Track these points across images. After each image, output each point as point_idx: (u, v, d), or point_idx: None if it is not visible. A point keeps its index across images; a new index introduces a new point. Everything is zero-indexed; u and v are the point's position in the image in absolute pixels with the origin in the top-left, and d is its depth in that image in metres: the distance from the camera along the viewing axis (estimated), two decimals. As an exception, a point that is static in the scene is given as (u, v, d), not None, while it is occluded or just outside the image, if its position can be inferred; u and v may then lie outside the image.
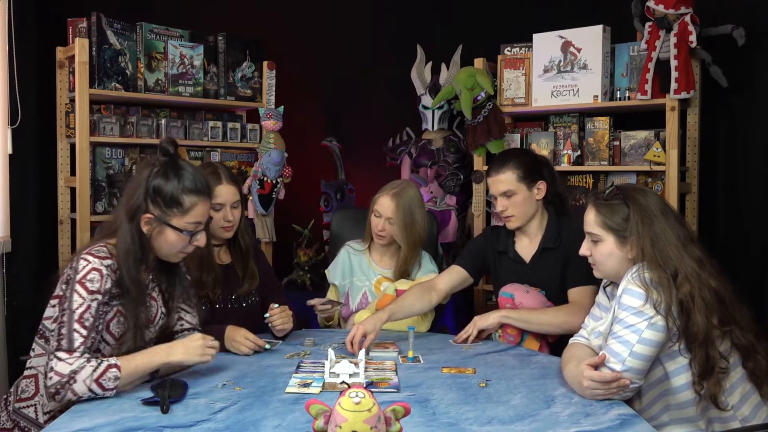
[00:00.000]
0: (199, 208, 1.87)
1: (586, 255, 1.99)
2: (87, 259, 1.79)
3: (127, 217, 1.84)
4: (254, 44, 3.55)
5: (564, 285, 2.44)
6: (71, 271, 1.80)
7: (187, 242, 1.89)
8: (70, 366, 1.68)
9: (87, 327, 1.74)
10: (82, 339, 1.72)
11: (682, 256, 1.82)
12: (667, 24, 2.89)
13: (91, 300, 1.76)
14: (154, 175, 1.85)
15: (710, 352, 1.76)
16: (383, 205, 2.68)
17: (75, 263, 1.80)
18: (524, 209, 2.49)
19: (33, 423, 1.85)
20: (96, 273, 1.78)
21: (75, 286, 1.76)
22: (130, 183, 1.92)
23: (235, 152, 3.51)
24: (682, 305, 1.76)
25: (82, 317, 1.74)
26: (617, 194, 1.92)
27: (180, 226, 1.86)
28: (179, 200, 1.84)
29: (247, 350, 2.15)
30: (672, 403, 1.84)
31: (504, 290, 2.41)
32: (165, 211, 1.84)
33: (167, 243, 1.87)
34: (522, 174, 2.47)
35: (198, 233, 1.90)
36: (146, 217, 1.84)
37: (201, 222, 1.89)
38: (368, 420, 1.27)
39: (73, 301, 1.75)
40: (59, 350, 1.71)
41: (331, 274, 2.81)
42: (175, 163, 1.87)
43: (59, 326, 1.74)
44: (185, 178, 1.85)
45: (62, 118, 3.22)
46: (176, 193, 1.84)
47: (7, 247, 3.09)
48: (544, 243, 2.50)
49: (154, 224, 1.85)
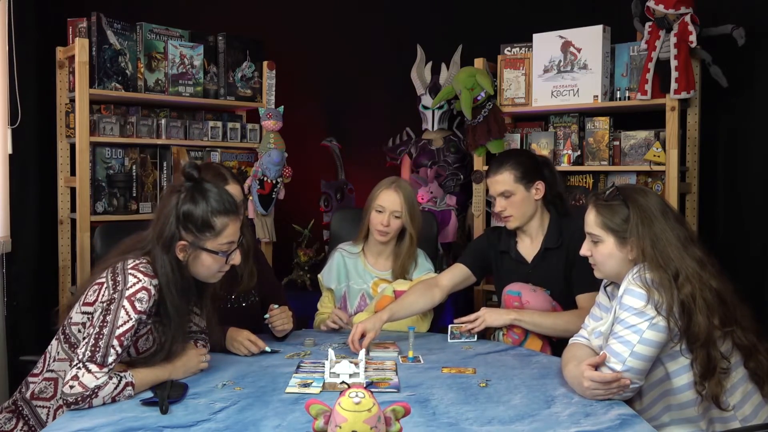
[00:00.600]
0: (230, 228, 1.88)
1: (587, 255, 1.99)
2: (137, 277, 1.78)
3: (163, 249, 1.84)
4: (254, 44, 3.55)
5: (566, 285, 2.44)
6: (118, 284, 1.77)
7: (224, 263, 1.91)
8: (97, 381, 1.67)
9: (124, 346, 1.74)
10: (115, 356, 1.72)
11: (683, 256, 1.82)
12: (667, 24, 2.89)
13: (136, 320, 1.75)
14: (182, 201, 1.85)
15: (712, 353, 1.76)
16: (387, 199, 2.64)
17: (122, 276, 1.78)
18: (522, 209, 2.50)
19: (40, 423, 1.85)
20: (145, 293, 1.77)
21: (123, 302, 1.74)
22: (158, 211, 1.92)
23: (235, 152, 3.51)
24: (683, 306, 1.76)
25: (123, 335, 1.73)
26: (617, 195, 1.92)
27: (214, 248, 1.87)
28: (210, 223, 1.85)
29: (248, 352, 2.16)
30: (673, 404, 1.84)
31: (510, 288, 2.41)
32: (198, 236, 1.85)
33: (204, 267, 1.89)
34: (519, 174, 2.48)
35: (232, 252, 1.91)
36: (180, 244, 1.85)
37: (234, 241, 1.91)
38: (368, 420, 1.27)
39: (118, 317, 1.73)
40: (91, 362, 1.69)
41: (325, 279, 2.74)
42: (200, 187, 1.88)
43: (96, 336, 1.71)
44: (212, 201, 1.86)
45: (62, 118, 3.22)
46: (206, 217, 1.84)
47: (7, 247, 3.09)
48: (546, 243, 2.51)
49: (189, 250, 1.85)
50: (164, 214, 1.86)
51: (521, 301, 2.36)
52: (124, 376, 1.74)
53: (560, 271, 2.46)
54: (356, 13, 4.14)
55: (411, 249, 2.69)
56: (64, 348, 1.88)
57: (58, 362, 1.88)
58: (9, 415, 1.88)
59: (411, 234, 2.67)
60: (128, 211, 3.18)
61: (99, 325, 1.73)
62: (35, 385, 1.88)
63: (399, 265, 2.68)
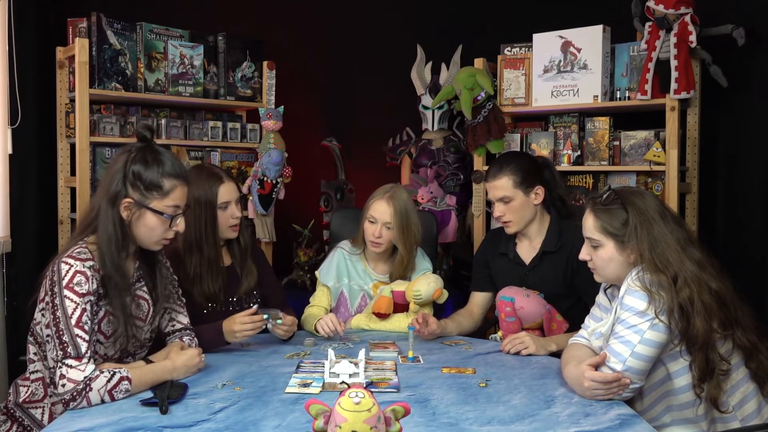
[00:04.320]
0: (178, 191, 1.88)
1: (586, 260, 1.99)
2: (69, 263, 1.77)
3: (109, 203, 1.83)
4: (254, 44, 3.55)
5: (565, 288, 2.44)
6: (54, 276, 1.77)
7: (167, 226, 1.89)
8: (83, 372, 1.68)
9: (87, 331, 1.73)
10: (86, 344, 1.72)
11: (682, 259, 1.82)
12: (667, 24, 2.89)
13: (84, 303, 1.75)
14: (133, 160, 1.85)
15: (710, 356, 1.76)
16: (378, 210, 2.59)
17: (56, 267, 1.78)
18: (521, 215, 2.50)
19: (37, 424, 1.86)
20: (81, 276, 1.76)
21: (64, 292, 1.74)
22: (107, 170, 1.92)
23: (235, 152, 3.51)
24: (681, 309, 1.76)
25: (80, 321, 1.73)
26: (615, 199, 1.92)
27: (160, 209, 1.86)
28: (159, 183, 1.85)
29: (251, 333, 2.15)
30: (674, 404, 1.84)
31: (503, 294, 2.40)
32: (145, 195, 1.84)
33: (147, 227, 1.87)
34: (519, 180, 2.47)
35: (177, 217, 1.90)
36: (126, 201, 1.83)
37: (180, 206, 1.90)
38: (368, 420, 1.27)
39: (66, 307, 1.73)
40: (67, 358, 1.69)
41: (323, 276, 2.69)
42: (152, 148, 1.88)
43: (58, 334, 1.71)
44: (164, 163, 1.86)
45: (62, 118, 3.22)
46: (156, 177, 1.84)
47: (7, 247, 3.09)
48: (545, 247, 2.51)
49: (133, 209, 1.84)
50: (112, 172, 1.85)
51: (514, 307, 2.35)
52: (119, 370, 1.73)
53: (558, 275, 2.46)
54: (356, 13, 4.14)
55: (406, 258, 2.63)
56: (34, 348, 1.88)
57: (36, 363, 1.88)
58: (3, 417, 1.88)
59: (401, 247, 2.61)
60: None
61: (54, 322, 1.73)
62: (24, 389, 1.88)
63: (396, 270, 2.66)
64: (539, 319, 2.37)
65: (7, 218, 3.12)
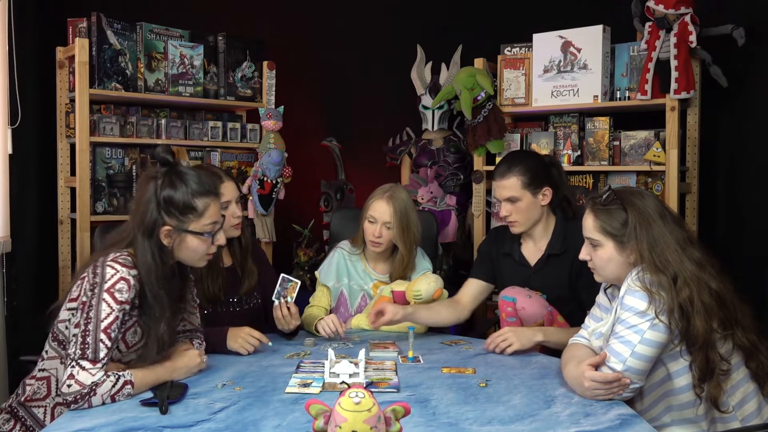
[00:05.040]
0: (212, 207, 1.89)
1: (586, 260, 1.99)
2: (115, 268, 1.77)
3: (145, 235, 1.83)
4: (254, 44, 3.55)
5: (569, 290, 2.43)
6: (96, 278, 1.77)
7: (210, 244, 1.91)
8: (92, 377, 1.68)
9: (112, 338, 1.74)
10: (106, 350, 1.72)
11: (682, 259, 1.82)
12: (667, 24, 2.89)
13: (119, 311, 1.75)
14: (162, 186, 1.84)
15: (710, 356, 1.76)
16: (378, 209, 2.59)
17: (100, 270, 1.78)
18: (528, 215, 2.47)
19: (38, 423, 1.86)
20: (124, 283, 1.77)
21: (103, 295, 1.74)
22: (136, 200, 1.91)
23: (235, 152, 3.51)
24: (681, 309, 1.76)
25: (108, 328, 1.73)
26: (615, 199, 1.91)
27: (199, 229, 1.87)
28: (192, 205, 1.85)
29: (251, 348, 2.16)
30: (674, 404, 1.84)
31: (505, 294, 2.40)
32: (181, 220, 1.85)
33: (190, 249, 1.89)
34: (527, 180, 2.45)
35: (217, 233, 1.92)
36: (165, 229, 1.84)
37: (217, 221, 1.92)
38: (368, 420, 1.27)
39: (100, 310, 1.73)
40: (83, 359, 1.69)
41: (323, 276, 2.69)
42: (177, 171, 1.88)
43: (83, 334, 1.71)
44: (192, 183, 1.86)
45: (62, 118, 3.22)
46: (188, 199, 1.85)
47: (7, 247, 3.09)
48: (550, 249, 2.49)
49: (174, 235, 1.85)
50: (143, 202, 1.85)
51: (516, 308, 2.35)
52: (123, 374, 1.74)
53: (563, 277, 2.45)
54: (356, 13, 4.14)
55: (406, 257, 2.64)
56: (52, 346, 1.88)
57: (49, 360, 1.88)
58: (7, 416, 1.88)
59: (402, 247, 2.61)
60: (128, 211, 3.17)
61: (84, 322, 1.73)
62: (30, 387, 1.88)
63: (396, 270, 2.66)
64: (540, 320, 2.36)
65: (7, 218, 3.12)
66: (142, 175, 1.98)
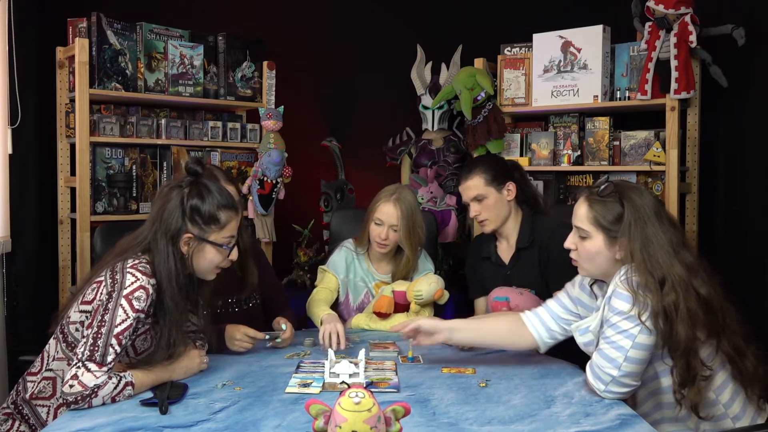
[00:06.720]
0: (233, 222, 1.95)
1: (571, 248, 1.92)
2: (135, 276, 1.79)
3: (170, 241, 1.86)
4: (254, 44, 3.55)
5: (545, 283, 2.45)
6: (116, 284, 1.78)
7: (225, 256, 1.95)
8: (96, 380, 1.68)
9: (122, 345, 1.74)
10: (114, 355, 1.72)
11: (672, 262, 1.76)
12: (667, 24, 2.89)
13: (134, 319, 1.76)
14: (189, 195, 1.89)
15: (691, 362, 1.72)
16: (386, 212, 2.59)
17: (120, 275, 1.79)
18: (496, 212, 2.55)
19: (41, 422, 1.86)
20: (143, 292, 1.78)
21: (121, 301, 1.75)
22: (159, 207, 1.92)
23: (235, 152, 3.51)
24: (665, 313, 1.72)
25: (121, 334, 1.74)
26: (613, 191, 1.85)
27: (218, 241, 1.92)
28: (216, 216, 1.90)
29: (249, 346, 2.16)
30: (663, 402, 1.83)
31: (496, 294, 2.40)
32: (204, 229, 1.90)
33: (207, 260, 1.93)
34: (490, 177, 2.54)
35: (233, 246, 1.97)
36: (186, 237, 1.88)
37: (234, 236, 1.96)
38: (368, 420, 1.27)
39: (116, 316, 1.74)
40: (90, 361, 1.69)
41: (332, 267, 2.69)
42: (203, 183, 1.93)
43: (95, 335, 1.72)
44: (217, 195, 1.91)
45: (62, 118, 3.22)
46: (213, 210, 1.90)
47: (7, 247, 3.09)
48: (519, 243, 2.55)
49: (193, 243, 1.89)
50: (168, 209, 1.89)
51: (509, 306, 2.35)
52: (124, 376, 1.74)
53: (535, 269, 2.49)
54: (356, 13, 4.14)
55: (411, 258, 2.64)
56: (62, 347, 1.88)
57: (57, 361, 1.88)
58: (7, 416, 1.88)
59: (407, 249, 2.62)
60: (128, 211, 3.18)
61: (97, 324, 1.73)
62: (34, 385, 1.88)
63: (399, 271, 2.67)
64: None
65: (7, 218, 3.12)
66: (166, 183, 2.01)
